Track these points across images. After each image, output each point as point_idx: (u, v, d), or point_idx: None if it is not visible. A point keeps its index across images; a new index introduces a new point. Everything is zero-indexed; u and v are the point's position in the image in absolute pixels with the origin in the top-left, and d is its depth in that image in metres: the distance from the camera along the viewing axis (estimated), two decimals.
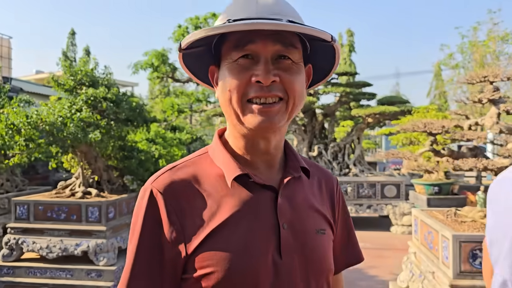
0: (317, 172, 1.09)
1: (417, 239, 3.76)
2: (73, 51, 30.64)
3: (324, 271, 0.97)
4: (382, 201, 8.44)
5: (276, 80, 0.88)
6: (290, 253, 0.91)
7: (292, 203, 0.96)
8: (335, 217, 1.07)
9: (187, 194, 0.92)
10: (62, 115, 4.74)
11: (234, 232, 0.89)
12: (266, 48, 0.89)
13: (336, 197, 1.09)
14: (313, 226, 0.97)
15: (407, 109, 8.20)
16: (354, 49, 26.57)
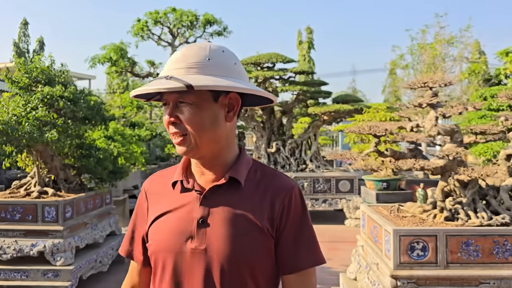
0: (267, 181, 1.27)
1: (364, 233, 4.01)
2: (25, 42, 29.52)
3: (236, 263, 1.18)
4: (336, 196, 8.75)
5: (176, 121, 1.19)
6: (202, 242, 1.19)
7: (213, 204, 1.22)
8: (277, 223, 1.22)
9: (156, 191, 1.34)
10: (16, 114, 4.70)
11: (166, 220, 1.25)
12: (169, 97, 1.20)
13: (280, 207, 1.23)
14: (231, 226, 1.19)
15: (360, 107, 8.53)
16: (313, 46, 27.00)
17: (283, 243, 1.23)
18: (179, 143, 1.21)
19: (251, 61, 9.37)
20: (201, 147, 1.21)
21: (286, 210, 1.23)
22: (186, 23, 16.54)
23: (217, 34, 17.22)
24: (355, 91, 34.14)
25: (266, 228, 1.20)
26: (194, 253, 1.20)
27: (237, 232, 1.19)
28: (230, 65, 1.23)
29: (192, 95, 1.17)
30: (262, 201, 1.23)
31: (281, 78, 9.48)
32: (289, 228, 1.23)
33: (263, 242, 1.20)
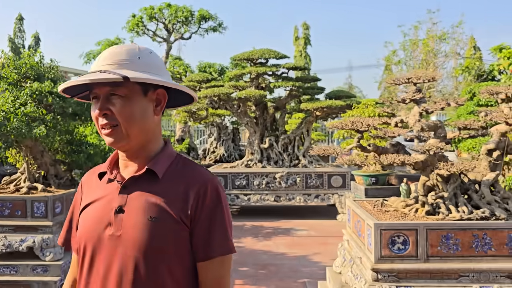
0: (187, 174, 1.37)
1: (349, 227, 4.05)
2: (21, 37, 29.38)
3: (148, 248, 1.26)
4: (329, 191, 8.79)
5: (107, 112, 1.28)
6: (118, 228, 1.29)
7: (131, 194, 1.32)
8: (192, 213, 1.30)
9: (88, 183, 1.47)
10: (5, 110, 4.71)
11: (90, 210, 1.37)
12: (100, 90, 1.29)
13: (195, 199, 1.31)
14: (146, 213, 1.28)
15: (352, 103, 8.55)
16: (310, 42, 26.98)
17: (197, 232, 1.31)
18: (109, 134, 1.29)
19: (244, 57, 9.38)
20: (131, 138, 1.31)
21: (201, 201, 1.31)
22: (181, 18, 16.52)
23: (212, 30, 17.22)
24: (351, 87, 34.15)
25: (180, 217, 1.29)
26: (111, 239, 1.29)
27: (150, 220, 1.27)
28: (158, 65, 1.36)
29: (124, 88, 1.28)
30: (178, 192, 1.32)
31: (274, 74, 9.49)
32: (203, 219, 1.31)
33: (177, 231, 1.29)
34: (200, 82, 10.03)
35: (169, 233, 1.27)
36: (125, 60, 1.30)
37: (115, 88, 1.28)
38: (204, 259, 1.32)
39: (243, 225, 8.41)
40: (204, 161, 12.49)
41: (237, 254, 6.32)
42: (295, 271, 5.67)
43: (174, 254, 1.29)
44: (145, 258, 1.26)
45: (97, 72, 1.26)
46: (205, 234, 1.31)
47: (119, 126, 1.28)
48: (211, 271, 1.33)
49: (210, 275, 1.34)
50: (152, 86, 1.33)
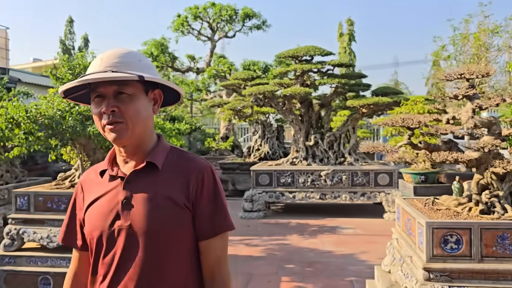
0: (183, 163, 1.48)
1: (399, 226, 3.96)
2: (71, 39, 30.56)
3: (157, 234, 1.37)
4: (375, 189, 8.64)
5: (115, 109, 1.37)
6: (126, 219, 1.39)
7: (134, 187, 1.42)
8: (192, 197, 1.42)
9: (89, 182, 1.55)
10: (61, 109, 4.92)
11: (97, 205, 1.46)
12: (106, 89, 1.38)
13: (195, 184, 1.43)
14: (151, 203, 1.39)
15: (399, 99, 8.35)
16: (354, 38, 26.54)
17: (200, 214, 1.44)
18: (114, 130, 1.38)
19: (289, 55, 9.36)
20: (134, 134, 1.41)
21: (200, 186, 1.44)
22: (225, 17, 16.69)
23: (256, 28, 17.29)
24: (397, 83, 33.30)
25: (183, 202, 1.41)
26: (121, 230, 1.39)
27: (156, 208, 1.39)
28: (153, 67, 1.49)
29: (131, 87, 1.39)
30: (178, 180, 1.43)
31: (319, 71, 9.42)
32: (205, 201, 1.44)
33: (181, 215, 1.40)
34: (245, 80, 10.10)
35: (174, 218, 1.39)
36: (128, 62, 1.39)
37: (123, 87, 1.37)
38: (208, 236, 1.44)
39: (288, 223, 8.41)
40: (249, 158, 12.56)
41: (283, 251, 6.38)
42: (342, 269, 5.61)
43: (180, 236, 1.41)
44: (155, 244, 1.37)
45: (108, 71, 1.35)
46: (208, 214, 1.44)
47: (125, 123, 1.37)
48: (213, 249, 1.46)
49: (212, 253, 1.46)
50: (151, 86, 1.45)
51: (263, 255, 6.32)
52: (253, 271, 5.56)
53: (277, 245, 6.82)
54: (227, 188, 11.98)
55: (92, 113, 1.42)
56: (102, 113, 1.37)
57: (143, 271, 1.37)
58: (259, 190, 9.03)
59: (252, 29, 17.25)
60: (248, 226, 8.14)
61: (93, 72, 1.37)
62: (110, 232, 1.40)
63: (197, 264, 1.47)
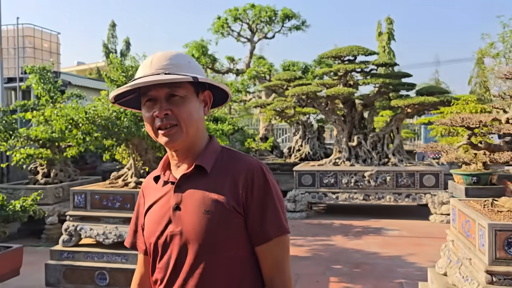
0: (233, 164, 1.42)
1: (455, 228, 3.89)
2: (113, 42, 31.38)
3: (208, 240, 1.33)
4: (421, 190, 8.49)
5: (168, 112, 1.35)
6: (177, 225, 1.37)
7: (184, 191, 1.39)
8: (243, 200, 1.36)
9: (147, 187, 1.56)
10: (116, 110, 5.09)
11: (152, 211, 1.46)
12: (158, 92, 1.35)
13: (244, 185, 1.36)
14: (201, 208, 1.35)
15: (446, 99, 8.16)
16: (394, 37, 26.08)
17: (251, 218, 1.36)
18: (168, 133, 1.36)
19: (332, 55, 9.32)
20: (188, 136, 1.39)
21: (250, 187, 1.36)
22: (264, 18, 16.73)
23: (295, 29, 17.24)
24: (438, 83, 32.45)
25: (232, 206, 1.34)
26: (173, 236, 1.37)
27: (206, 213, 1.34)
28: (202, 69, 1.46)
29: (183, 89, 1.37)
30: (227, 183, 1.37)
31: (362, 71, 9.33)
32: (255, 204, 1.36)
33: (231, 220, 1.34)
34: (288, 80, 10.12)
35: (224, 223, 1.33)
36: (179, 64, 1.38)
37: (175, 89, 1.35)
38: (261, 242, 1.37)
39: (331, 223, 8.38)
40: (289, 159, 12.57)
41: (328, 252, 6.37)
42: (390, 271, 5.55)
43: (232, 242, 1.35)
44: (206, 249, 1.33)
45: (160, 74, 1.33)
46: (259, 218, 1.36)
47: (178, 126, 1.35)
48: (269, 254, 1.39)
49: (269, 258, 1.39)
50: (201, 88, 1.43)
51: (309, 255, 6.33)
52: (300, 271, 5.57)
53: (322, 246, 6.81)
54: None
55: (144, 117, 1.41)
56: (155, 116, 1.35)
57: (196, 277, 1.34)
58: (302, 190, 9.03)
59: (292, 30, 17.23)
60: (292, 227, 8.13)
61: (144, 75, 1.35)
62: (163, 238, 1.39)
63: (252, 269, 1.41)
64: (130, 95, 1.45)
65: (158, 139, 1.38)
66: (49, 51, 11.58)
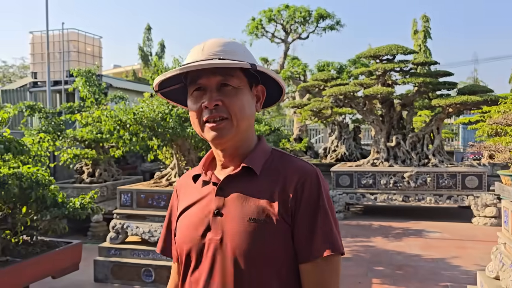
0: (285, 168, 1.25)
1: (507, 230, 3.80)
2: (148, 45, 31.96)
3: (250, 252, 1.16)
4: (463, 192, 8.30)
5: (219, 103, 1.19)
6: (217, 232, 1.21)
7: (228, 195, 1.23)
8: (289, 211, 1.19)
9: (183, 188, 1.40)
10: (161, 111, 5.21)
11: (188, 214, 1.30)
12: (209, 81, 1.20)
13: (294, 192, 1.20)
14: (245, 214, 1.19)
15: (490, 98, 7.95)
16: (430, 35, 25.54)
17: (298, 230, 1.19)
18: (217, 127, 1.20)
19: (370, 54, 9.23)
20: (238, 133, 1.23)
21: (300, 195, 1.20)
22: (299, 19, 16.74)
23: (330, 29, 17.18)
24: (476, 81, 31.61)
25: (281, 216, 1.18)
26: (211, 243, 1.21)
27: (250, 222, 1.18)
28: (254, 59, 1.29)
29: (237, 79, 1.22)
30: (277, 189, 1.21)
31: (401, 70, 9.21)
32: (303, 215, 1.19)
33: (278, 231, 1.17)
34: (325, 81, 10.09)
35: (270, 234, 1.17)
36: (233, 51, 1.23)
37: (228, 78, 1.21)
38: (307, 259, 1.18)
39: (370, 225, 8.30)
40: (325, 159, 12.52)
41: (369, 253, 6.32)
42: (434, 273, 5.46)
43: (278, 256, 1.18)
44: (248, 262, 1.16)
45: (214, 59, 1.18)
46: (308, 231, 1.19)
47: (229, 119, 1.20)
48: (314, 274, 1.19)
49: (313, 279, 1.19)
50: (255, 81, 1.27)
51: (350, 256, 6.29)
52: (342, 271, 5.49)
53: (362, 247, 6.76)
54: None
55: (189, 109, 1.25)
56: (203, 107, 1.19)
57: None
58: (340, 191, 8.98)
59: (326, 30, 17.17)
60: None
61: (195, 60, 1.20)
62: (200, 245, 1.22)
63: None
64: (176, 84, 1.30)
65: (204, 134, 1.23)
66: (92, 55, 11.95)
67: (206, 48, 1.21)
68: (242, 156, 1.27)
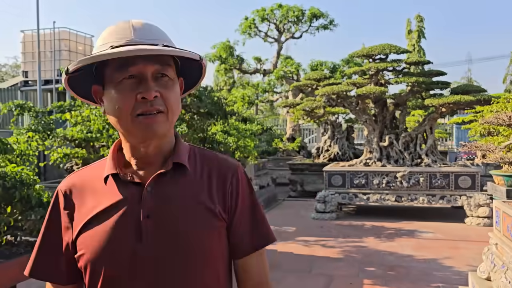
0: (210, 164, 1.19)
1: (499, 231, 3.77)
2: None
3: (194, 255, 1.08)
4: (456, 192, 8.28)
5: (157, 95, 1.06)
6: (152, 239, 1.06)
7: (161, 196, 1.10)
8: (228, 205, 1.15)
9: (79, 193, 1.16)
10: None
11: (101, 222, 1.09)
12: (146, 68, 1.05)
13: (229, 188, 1.16)
14: (182, 215, 1.09)
15: (483, 98, 7.94)
16: (424, 35, 25.63)
17: (236, 225, 1.17)
18: (155, 121, 1.06)
19: (363, 53, 9.19)
20: (170, 128, 1.13)
21: (235, 190, 1.17)
22: (292, 18, 16.71)
23: (323, 28, 17.16)
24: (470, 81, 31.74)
25: (219, 211, 1.13)
26: (142, 256, 1.06)
27: (190, 221, 1.09)
28: None
29: (171, 70, 1.11)
30: (210, 185, 1.15)
31: (394, 69, 9.18)
32: (243, 209, 1.18)
33: (216, 228, 1.13)
34: (318, 80, 10.05)
35: (209, 233, 1.11)
36: (169, 38, 1.13)
37: (166, 68, 1.09)
38: (248, 253, 1.18)
39: (362, 225, 8.26)
40: (318, 159, 12.48)
41: (361, 254, 6.28)
42: (426, 274, 5.43)
43: (216, 255, 1.13)
44: (186, 265, 1.08)
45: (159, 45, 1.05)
46: (247, 226, 1.18)
47: (165, 113, 1.08)
48: (255, 266, 1.21)
49: (255, 271, 1.21)
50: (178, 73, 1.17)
51: (341, 256, 6.25)
52: (334, 272, 5.51)
53: (354, 247, 6.72)
54: (295, 188, 11.99)
55: (112, 100, 1.07)
56: (140, 98, 1.04)
57: None
58: (332, 191, 8.94)
59: (319, 29, 17.15)
60: (322, 227, 8.08)
61: (128, 44, 1.04)
62: (126, 256, 1.06)
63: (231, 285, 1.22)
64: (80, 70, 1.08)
65: (134, 129, 1.07)
66: (83, 54, 11.85)
67: (137, 29, 1.07)
68: (165, 153, 1.15)
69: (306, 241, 7.10)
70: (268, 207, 10.22)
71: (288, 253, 6.42)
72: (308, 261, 5.99)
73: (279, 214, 9.60)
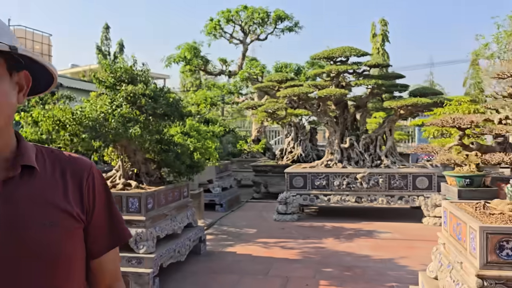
0: (63, 163, 1.13)
1: (446, 231, 3.84)
2: (107, 45, 31.21)
3: (43, 256, 1.00)
4: (414, 193, 8.45)
5: None
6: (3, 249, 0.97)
7: (10, 200, 1.00)
8: (86, 206, 1.12)
9: None
10: (103, 111, 5.01)
11: None
12: None
13: (86, 188, 1.13)
14: (39, 219, 1.01)
15: (439, 100, 8.14)
16: (388, 39, 26.15)
17: (95, 225, 1.15)
18: None
19: (324, 56, 9.26)
20: (1, 128, 1.02)
21: (92, 190, 1.14)
22: (257, 20, 16.72)
23: (288, 30, 17.25)
24: (432, 84, 32.56)
25: (77, 213, 1.09)
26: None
27: (45, 226, 1.02)
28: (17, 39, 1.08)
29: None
30: (65, 185, 1.10)
31: (355, 72, 9.30)
32: (98, 209, 1.15)
33: (73, 229, 1.08)
34: (280, 82, 10.07)
35: (68, 235, 1.06)
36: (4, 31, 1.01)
37: None
38: (105, 251, 1.18)
39: (323, 226, 8.31)
40: (281, 161, 12.51)
41: (319, 255, 6.30)
42: (381, 274, 5.49)
43: (70, 256, 1.07)
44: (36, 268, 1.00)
45: None
46: (105, 224, 1.17)
47: None
48: (111, 262, 1.23)
49: (110, 266, 1.22)
50: (17, 66, 1.04)
51: (299, 258, 6.26)
52: (290, 274, 5.50)
53: (313, 248, 6.75)
54: (259, 190, 11.98)
55: None
56: None
57: None
58: (293, 192, 8.96)
59: (284, 31, 17.22)
60: (283, 229, 8.09)
61: None
62: None
63: None
64: None
65: None
66: (41, 53, 11.49)
67: None
68: (6, 155, 1.05)
69: (266, 242, 7.08)
70: (231, 209, 10.16)
71: (246, 255, 6.38)
72: (266, 263, 5.97)
73: (241, 215, 9.55)
